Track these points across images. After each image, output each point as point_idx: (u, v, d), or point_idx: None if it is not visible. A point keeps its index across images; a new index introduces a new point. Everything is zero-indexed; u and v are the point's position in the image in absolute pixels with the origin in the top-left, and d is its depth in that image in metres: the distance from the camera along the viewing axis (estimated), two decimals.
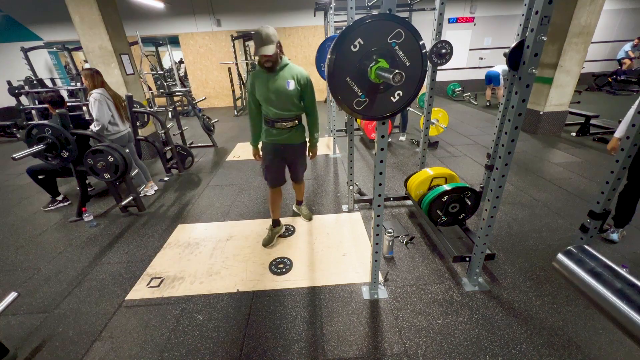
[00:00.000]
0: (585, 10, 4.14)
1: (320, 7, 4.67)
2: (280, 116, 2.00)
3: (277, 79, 1.91)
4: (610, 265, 0.44)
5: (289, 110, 2.00)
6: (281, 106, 1.98)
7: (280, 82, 1.91)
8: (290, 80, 1.91)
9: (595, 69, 8.87)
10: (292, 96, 1.95)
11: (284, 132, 2.08)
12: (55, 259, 2.39)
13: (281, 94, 1.93)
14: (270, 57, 1.79)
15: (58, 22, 7.95)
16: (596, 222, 1.79)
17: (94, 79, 2.87)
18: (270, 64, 1.83)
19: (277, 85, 1.91)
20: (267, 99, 1.96)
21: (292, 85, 1.92)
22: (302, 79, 1.95)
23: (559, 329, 1.60)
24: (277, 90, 1.92)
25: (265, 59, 1.80)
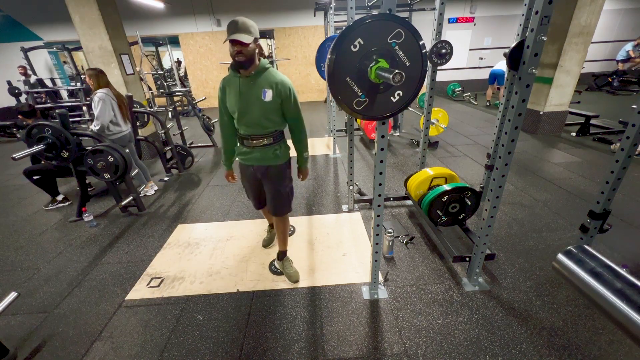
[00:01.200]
0: (585, 10, 4.14)
1: (320, 7, 4.67)
2: (253, 133, 1.63)
3: (252, 86, 1.53)
4: (610, 265, 0.44)
5: (263, 126, 1.61)
6: (254, 121, 1.59)
7: (255, 91, 1.53)
8: (267, 89, 1.53)
9: (595, 69, 8.87)
10: (268, 109, 1.57)
11: (256, 150, 1.68)
12: (55, 259, 2.39)
13: (254, 106, 1.55)
14: (245, 46, 1.40)
15: (58, 22, 7.95)
16: (596, 222, 1.79)
17: (98, 78, 2.87)
18: (244, 58, 1.43)
19: (251, 94, 1.54)
20: (237, 111, 1.58)
21: (270, 96, 1.53)
22: (283, 89, 1.55)
23: (559, 329, 1.60)
24: (250, 100, 1.54)
25: (237, 51, 1.41)
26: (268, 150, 1.69)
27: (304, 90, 9.30)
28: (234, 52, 1.42)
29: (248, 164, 1.75)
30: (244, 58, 1.44)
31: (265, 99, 1.54)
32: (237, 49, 1.41)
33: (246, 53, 1.43)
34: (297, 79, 9.10)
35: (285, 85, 1.56)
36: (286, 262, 2.06)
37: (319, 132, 5.68)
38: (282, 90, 1.56)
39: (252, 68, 1.51)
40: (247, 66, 1.49)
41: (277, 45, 8.50)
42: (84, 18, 3.81)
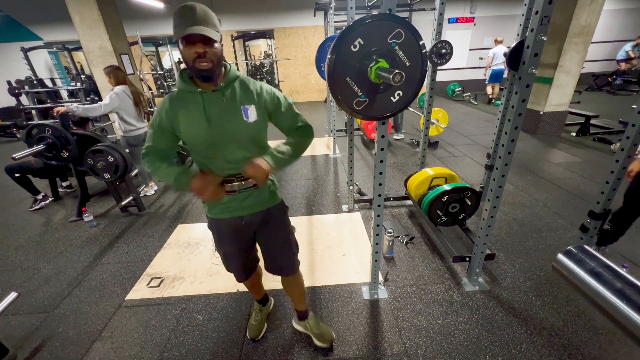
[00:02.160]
0: (585, 10, 4.14)
1: (320, 7, 4.67)
2: (239, 171, 1.10)
3: (225, 103, 1.04)
4: (610, 265, 0.44)
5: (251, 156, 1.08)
6: (239, 154, 1.09)
7: (232, 110, 1.05)
8: (247, 105, 1.06)
9: (595, 69, 8.87)
10: (256, 133, 1.10)
11: (243, 196, 1.17)
12: (55, 259, 2.39)
13: (238, 132, 1.06)
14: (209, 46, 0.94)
15: (58, 22, 7.95)
16: (596, 222, 1.79)
17: (116, 74, 2.87)
18: (209, 65, 0.95)
19: (227, 116, 1.04)
20: (208, 144, 1.06)
21: (253, 114, 1.07)
22: (268, 97, 1.11)
23: (559, 329, 1.60)
24: (226, 125, 1.05)
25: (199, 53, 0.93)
26: (259, 191, 1.20)
27: (304, 90, 9.30)
28: (193, 55, 0.93)
29: (234, 216, 1.20)
30: (209, 65, 0.95)
31: (249, 119, 1.06)
32: (198, 50, 0.92)
33: (212, 56, 0.95)
34: (297, 79, 9.11)
35: (268, 90, 1.12)
36: (312, 320, 1.59)
37: (319, 132, 5.68)
38: (267, 98, 1.10)
39: (220, 78, 1.05)
40: (213, 77, 0.99)
41: (277, 45, 8.50)
42: (84, 18, 3.81)
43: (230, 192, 1.13)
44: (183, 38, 0.92)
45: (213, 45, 0.95)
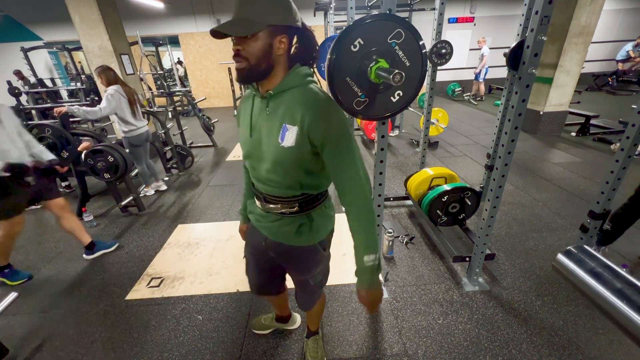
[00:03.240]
0: (585, 10, 4.14)
1: (320, 7, 4.67)
2: (269, 192, 0.97)
3: (269, 115, 0.87)
4: (610, 265, 0.44)
5: (281, 186, 0.93)
6: (266, 175, 0.93)
7: (272, 124, 0.86)
8: (288, 124, 0.83)
9: (595, 69, 8.87)
10: (288, 161, 0.87)
11: (271, 218, 1.02)
12: (55, 259, 2.39)
13: (268, 150, 0.89)
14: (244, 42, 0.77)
15: (58, 22, 7.95)
16: (596, 222, 1.79)
17: (107, 75, 2.85)
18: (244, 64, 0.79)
19: (264, 129, 0.89)
20: (245, 151, 0.97)
21: (291, 138, 0.83)
22: (317, 125, 0.81)
23: (559, 329, 1.60)
24: (261, 138, 0.90)
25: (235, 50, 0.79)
26: (287, 223, 1.00)
27: None
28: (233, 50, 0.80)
29: (259, 230, 1.08)
30: (243, 64, 0.79)
31: (284, 142, 0.84)
32: (234, 47, 0.79)
33: (249, 54, 0.78)
34: None
35: (321, 114, 0.81)
36: (311, 343, 1.49)
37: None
38: (315, 127, 0.81)
39: (271, 82, 0.84)
40: (249, 78, 0.82)
41: None
42: (84, 18, 3.81)
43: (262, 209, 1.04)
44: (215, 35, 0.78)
45: (252, 41, 0.76)
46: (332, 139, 0.82)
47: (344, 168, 0.85)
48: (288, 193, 0.95)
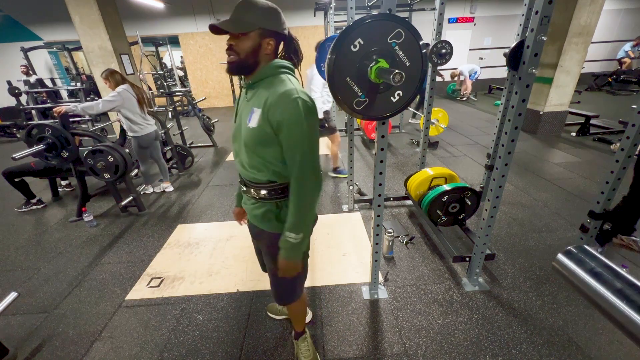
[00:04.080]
0: (585, 10, 4.14)
1: (320, 7, 4.67)
2: (245, 176, 1.10)
3: (247, 102, 1.01)
4: (610, 265, 0.44)
5: (251, 167, 1.04)
6: (247, 158, 1.03)
7: (247, 110, 1.00)
8: (256, 107, 0.95)
9: (595, 69, 8.87)
10: (253, 142, 0.97)
11: (249, 201, 1.14)
12: (55, 259, 2.39)
13: (240, 133, 1.02)
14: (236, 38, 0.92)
15: (58, 22, 7.95)
16: (596, 222, 1.79)
17: (114, 77, 2.84)
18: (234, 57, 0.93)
19: (243, 115, 1.02)
20: (232, 136, 1.11)
21: (255, 119, 0.95)
22: (276, 109, 0.90)
23: (559, 329, 1.60)
24: (240, 123, 1.03)
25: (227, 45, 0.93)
26: (258, 206, 1.10)
27: None
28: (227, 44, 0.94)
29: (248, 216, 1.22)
30: (234, 57, 0.93)
31: (250, 123, 0.96)
32: (227, 42, 0.94)
33: (240, 50, 0.92)
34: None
35: (281, 100, 0.90)
36: (300, 343, 1.51)
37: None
38: (274, 111, 0.90)
39: (252, 74, 0.98)
40: (236, 70, 0.96)
41: None
42: (84, 18, 3.81)
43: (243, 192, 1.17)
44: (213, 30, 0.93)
45: (244, 38, 0.91)
46: (286, 123, 0.91)
47: (291, 152, 0.96)
48: (258, 177, 1.05)
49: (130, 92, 2.84)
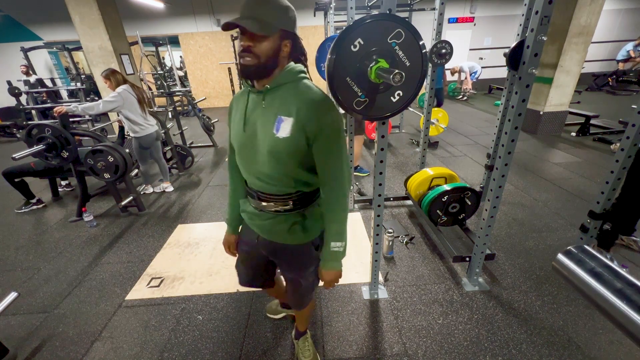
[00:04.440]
0: (585, 10, 4.14)
1: (320, 7, 4.67)
2: (261, 189, 0.99)
3: (264, 108, 0.90)
4: (610, 265, 0.44)
5: (276, 181, 0.95)
6: (260, 169, 0.95)
7: (267, 117, 0.89)
8: (284, 116, 0.87)
9: (595, 69, 8.87)
10: (283, 153, 0.89)
11: (264, 216, 1.04)
12: (55, 259, 2.39)
13: (262, 143, 0.91)
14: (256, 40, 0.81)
15: (58, 22, 7.95)
16: (596, 222, 1.79)
17: (115, 77, 2.83)
18: (252, 61, 0.82)
19: (258, 122, 0.91)
20: (237, 146, 0.98)
21: (287, 129, 0.86)
22: (313, 118, 0.85)
23: (559, 329, 1.60)
24: (256, 131, 0.92)
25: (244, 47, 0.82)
26: (281, 221, 1.01)
27: None
28: (240, 49, 0.83)
29: (252, 228, 1.10)
30: (252, 60, 0.82)
31: (279, 133, 0.87)
32: (243, 42, 0.81)
33: (260, 52, 0.82)
34: None
35: (318, 109, 0.86)
36: (301, 343, 1.51)
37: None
38: (310, 120, 0.85)
39: (269, 78, 0.88)
40: (254, 74, 0.86)
41: None
42: (84, 18, 3.81)
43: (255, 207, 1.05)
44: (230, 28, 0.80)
45: (264, 40, 0.81)
46: (324, 132, 0.87)
47: (331, 161, 0.92)
48: (282, 190, 0.97)
49: (130, 92, 2.84)
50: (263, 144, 0.90)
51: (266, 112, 0.90)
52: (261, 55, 0.82)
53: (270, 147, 0.89)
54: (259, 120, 0.91)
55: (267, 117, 0.89)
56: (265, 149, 0.90)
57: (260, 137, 0.91)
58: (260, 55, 0.82)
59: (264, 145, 0.90)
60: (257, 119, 0.91)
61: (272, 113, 0.89)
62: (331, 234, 1.01)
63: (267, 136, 0.89)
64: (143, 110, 2.95)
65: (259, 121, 0.91)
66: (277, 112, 0.88)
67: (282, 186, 0.96)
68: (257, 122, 0.91)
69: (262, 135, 0.90)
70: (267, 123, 0.89)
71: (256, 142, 0.92)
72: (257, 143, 0.92)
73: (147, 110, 3.01)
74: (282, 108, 0.88)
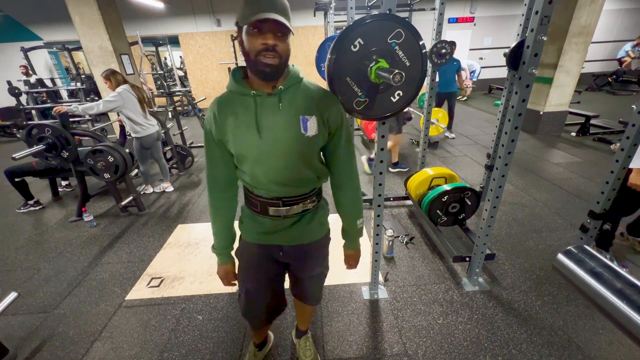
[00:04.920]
0: (585, 10, 4.14)
1: (320, 7, 4.67)
2: (286, 194, 0.96)
3: (281, 110, 0.86)
4: (610, 265, 0.44)
5: (304, 180, 0.96)
6: (289, 173, 0.92)
7: (288, 118, 0.87)
8: (308, 115, 0.88)
9: (595, 69, 8.87)
10: (313, 151, 0.93)
11: (289, 222, 1.01)
12: (55, 259, 2.39)
13: (291, 145, 0.88)
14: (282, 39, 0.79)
15: (58, 22, 7.95)
16: (596, 222, 1.79)
17: (115, 78, 2.83)
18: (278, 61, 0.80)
19: (279, 125, 0.87)
20: (255, 156, 0.90)
21: (314, 127, 0.88)
22: (334, 113, 0.92)
23: (559, 329, 1.60)
24: (279, 135, 0.87)
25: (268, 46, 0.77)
26: (308, 219, 1.02)
27: None
28: (260, 47, 0.77)
29: (272, 243, 1.05)
30: (277, 60, 0.80)
31: (308, 132, 0.88)
32: (268, 41, 0.76)
33: (283, 52, 0.80)
34: None
35: (333, 103, 0.92)
36: (302, 342, 1.50)
37: None
38: (331, 114, 0.91)
39: (280, 80, 0.87)
40: (277, 75, 0.83)
41: None
42: (84, 18, 3.81)
43: (275, 217, 0.98)
44: (253, 24, 0.75)
45: (286, 39, 0.80)
46: (343, 125, 0.96)
47: (349, 153, 1.01)
48: (308, 188, 0.99)
49: (130, 92, 2.84)
50: (291, 147, 0.88)
51: (285, 114, 0.87)
52: (282, 55, 0.80)
53: (301, 148, 0.89)
54: (277, 124, 0.87)
55: (287, 119, 0.87)
56: (295, 152, 0.89)
57: (286, 141, 0.87)
58: (282, 54, 0.80)
59: (292, 148, 0.88)
60: (275, 123, 0.87)
61: (293, 114, 0.87)
62: (354, 212, 1.08)
63: (295, 138, 0.87)
64: (144, 110, 2.95)
65: (279, 125, 0.87)
66: (299, 113, 0.87)
67: (307, 185, 0.98)
68: (275, 126, 0.87)
69: (288, 139, 0.87)
70: (291, 125, 0.87)
71: (280, 147, 0.88)
72: (281, 147, 0.88)
73: (147, 110, 3.01)
74: (302, 108, 0.88)
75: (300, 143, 0.88)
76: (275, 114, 0.87)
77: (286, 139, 0.87)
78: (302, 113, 0.87)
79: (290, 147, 0.88)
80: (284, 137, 0.87)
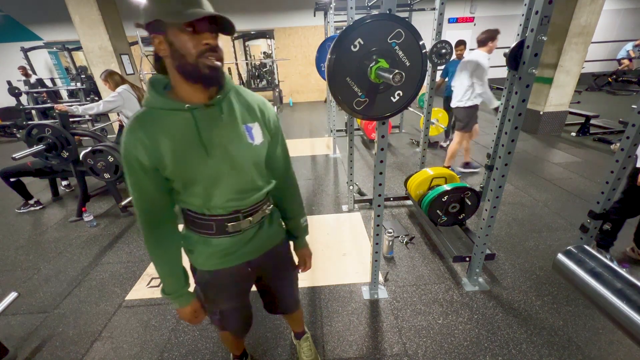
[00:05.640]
0: (585, 10, 4.14)
1: (320, 7, 4.67)
2: (246, 205, 0.90)
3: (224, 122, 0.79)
4: (610, 265, 0.44)
5: (259, 188, 0.92)
6: (244, 184, 0.87)
7: (233, 130, 0.81)
8: (250, 123, 0.84)
9: (595, 69, 8.87)
10: (262, 159, 0.90)
11: (250, 233, 0.95)
12: (55, 259, 2.39)
13: (243, 156, 0.83)
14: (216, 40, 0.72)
15: (58, 22, 7.95)
16: (596, 222, 1.79)
17: (113, 78, 2.84)
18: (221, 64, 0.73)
19: (227, 139, 0.80)
20: (211, 178, 0.81)
21: (259, 134, 0.85)
22: (272, 118, 0.90)
23: (559, 329, 1.60)
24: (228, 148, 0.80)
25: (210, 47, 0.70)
26: (271, 221, 1.01)
27: (304, 90, 9.30)
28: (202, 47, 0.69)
29: (239, 263, 0.97)
30: (221, 63, 0.73)
31: (255, 140, 0.84)
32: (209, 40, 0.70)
33: (221, 53, 0.73)
34: (297, 79, 9.11)
35: (268, 107, 0.90)
36: (303, 342, 1.49)
37: (319, 132, 5.69)
38: (269, 119, 0.89)
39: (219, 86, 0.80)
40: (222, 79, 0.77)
41: (277, 45, 8.50)
42: (84, 18, 3.81)
43: (235, 233, 0.91)
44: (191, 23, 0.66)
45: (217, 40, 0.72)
46: (278, 126, 0.94)
47: (286, 153, 1.01)
48: (262, 194, 0.93)
49: (130, 92, 2.84)
50: (244, 159, 0.83)
51: (229, 125, 0.80)
52: (222, 57, 0.72)
53: (254, 157, 0.85)
54: (224, 136, 0.79)
55: (233, 129, 0.80)
56: (249, 162, 0.84)
57: (237, 153, 0.81)
58: (221, 57, 0.72)
59: (245, 159, 0.83)
60: (222, 137, 0.79)
61: (236, 124, 0.81)
62: (300, 212, 1.11)
63: (245, 149, 0.82)
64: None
65: (226, 137, 0.79)
66: (241, 122, 0.82)
67: (261, 192, 0.92)
68: (222, 140, 0.79)
69: (239, 150, 0.81)
70: (237, 136, 0.81)
71: (232, 161, 0.81)
72: (234, 160, 0.81)
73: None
74: (244, 115, 0.83)
75: (252, 153, 0.84)
76: (219, 126, 0.78)
77: (238, 152, 0.81)
78: (244, 121, 0.82)
79: (244, 159, 0.83)
80: (233, 149, 0.80)
